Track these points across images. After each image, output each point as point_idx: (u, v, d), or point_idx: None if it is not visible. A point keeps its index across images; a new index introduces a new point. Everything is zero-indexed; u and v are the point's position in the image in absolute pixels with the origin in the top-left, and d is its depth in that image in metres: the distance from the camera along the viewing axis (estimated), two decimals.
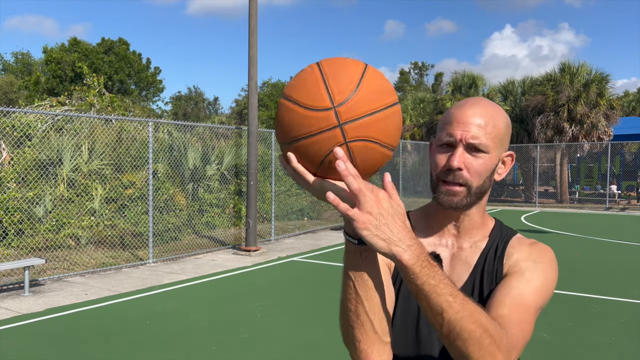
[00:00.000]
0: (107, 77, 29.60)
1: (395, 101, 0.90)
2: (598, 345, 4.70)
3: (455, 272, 1.13)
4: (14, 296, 6.50)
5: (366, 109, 0.85)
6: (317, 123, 0.84)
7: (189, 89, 65.90)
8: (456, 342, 0.88)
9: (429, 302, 0.87)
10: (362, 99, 0.85)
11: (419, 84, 57.65)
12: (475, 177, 1.07)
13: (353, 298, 0.92)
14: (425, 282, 0.86)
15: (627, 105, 36.77)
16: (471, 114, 1.08)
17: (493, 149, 1.07)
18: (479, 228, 1.15)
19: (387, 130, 0.88)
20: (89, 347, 4.67)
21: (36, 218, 8.79)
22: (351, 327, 0.94)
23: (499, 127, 1.08)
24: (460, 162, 1.06)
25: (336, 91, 0.85)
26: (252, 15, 9.60)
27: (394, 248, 0.84)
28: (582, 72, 20.65)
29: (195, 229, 11.06)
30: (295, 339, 4.90)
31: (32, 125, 9.59)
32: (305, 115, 0.85)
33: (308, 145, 0.86)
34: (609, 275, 7.68)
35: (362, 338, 0.94)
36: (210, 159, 11.94)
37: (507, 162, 1.14)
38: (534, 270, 1.07)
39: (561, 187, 21.57)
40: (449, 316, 0.87)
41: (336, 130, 0.84)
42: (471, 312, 0.88)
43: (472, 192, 1.08)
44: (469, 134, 1.06)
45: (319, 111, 0.85)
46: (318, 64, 0.89)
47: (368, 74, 0.88)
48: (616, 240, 11.25)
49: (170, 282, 7.31)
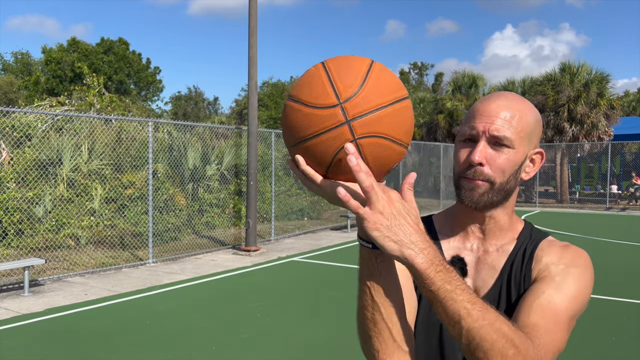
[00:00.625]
0: (106, 77, 29.59)
1: (405, 95, 0.86)
2: (598, 345, 4.70)
3: (481, 277, 1.06)
4: (13, 296, 6.50)
5: (374, 103, 0.82)
6: (324, 121, 0.81)
7: (188, 89, 65.95)
8: (477, 353, 0.82)
9: (446, 310, 0.82)
10: (370, 94, 0.82)
11: (418, 84, 57.66)
12: (498, 173, 1.00)
13: (370, 305, 0.88)
14: (441, 287, 0.80)
15: (627, 105, 36.79)
16: (495, 107, 1.02)
17: (519, 144, 1.01)
18: (506, 231, 1.08)
19: (398, 126, 0.84)
20: (89, 347, 4.67)
21: (36, 218, 8.79)
22: (369, 335, 0.90)
23: (526, 121, 1.02)
24: (481, 157, 1.00)
25: (342, 88, 0.82)
26: (252, 15, 9.60)
27: (405, 251, 0.79)
28: (583, 72, 20.65)
29: (195, 229, 11.05)
30: (295, 339, 4.89)
31: (32, 125, 9.59)
32: (311, 114, 0.82)
33: (316, 145, 0.82)
34: (609, 275, 7.67)
35: (380, 347, 0.89)
36: (210, 159, 11.93)
37: (536, 160, 1.06)
38: (566, 274, 1.00)
39: (561, 187, 21.57)
40: (468, 324, 0.81)
41: (344, 127, 0.80)
42: (492, 320, 0.82)
43: (495, 189, 1.01)
44: (492, 126, 1.00)
45: (325, 108, 0.81)
46: (323, 63, 0.86)
47: (375, 69, 0.85)
48: (616, 240, 11.24)
49: (170, 282, 7.31)
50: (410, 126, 0.86)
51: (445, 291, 0.80)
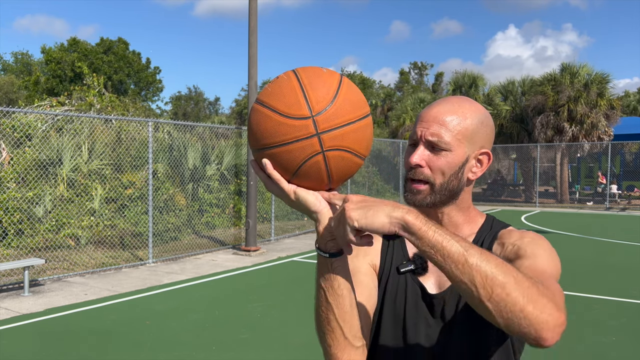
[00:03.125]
0: (106, 77, 29.59)
1: (368, 113, 0.92)
2: (598, 345, 4.70)
3: None
4: (13, 296, 6.50)
5: (343, 119, 0.87)
6: (295, 131, 0.86)
7: (188, 89, 65.94)
8: (495, 290, 0.79)
9: (449, 253, 0.81)
10: (340, 109, 0.87)
11: (418, 83, 57.64)
12: (438, 174, 1.06)
13: (324, 306, 0.96)
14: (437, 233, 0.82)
15: (627, 106, 36.79)
16: (434, 112, 1.07)
17: (457, 146, 1.05)
18: (462, 225, 1.13)
19: (362, 141, 0.90)
20: (89, 347, 4.67)
21: (36, 218, 8.79)
22: (322, 332, 0.99)
23: (466, 123, 1.06)
24: (420, 159, 1.06)
25: (314, 101, 0.86)
26: (252, 15, 9.60)
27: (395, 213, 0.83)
28: (583, 73, 20.65)
29: (195, 229, 11.05)
30: (295, 339, 4.89)
31: (32, 125, 9.59)
32: (283, 123, 0.86)
33: (284, 152, 0.87)
34: (609, 275, 7.67)
35: (332, 343, 0.98)
36: (210, 159, 11.93)
37: (483, 161, 1.10)
38: (534, 245, 1.04)
39: (561, 187, 21.57)
40: (474, 260, 0.80)
41: (314, 139, 0.86)
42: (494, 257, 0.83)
43: (436, 190, 1.06)
44: (428, 131, 1.06)
45: (297, 119, 0.86)
46: (295, 72, 0.90)
47: (344, 86, 0.90)
48: (616, 240, 11.24)
49: (170, 282, 7.31)
50: (370, 141, 0.93)
51: (440, 235, 0.82)
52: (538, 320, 0.80)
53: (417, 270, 1.11)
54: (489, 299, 0.80)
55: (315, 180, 0.90)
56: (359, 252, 1.17)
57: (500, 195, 24.05)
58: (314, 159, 0.87)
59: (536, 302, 0.80)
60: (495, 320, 0.82)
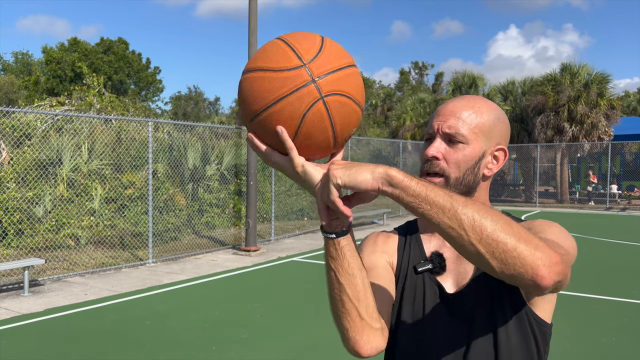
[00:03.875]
0: (106, 77, 29.59)
1: (353, 63, 0.91)
2: (598, 345, 4.69)
3: (463, 267, 1.10)
4: (13, 296, 6.50)
5: (335, 64, 0.87)
6: (290, 82, 0.84)
7: (188, 89, 65.92)
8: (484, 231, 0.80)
9: (439, 204, 0.81)
10: (329, 56, 0.87)
11: (419, 83, 57.63)
12: (453, 168, 1.05)
13: (336, 288, 0.94)
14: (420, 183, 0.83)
15: (627, 106, 36.79)
16: (451, 107, 1.09)
17: (473, 140, 1.06)
18: None
19: (357, 87, 0.90)
20: (89, 347, 4.66)
21: (36, 218, 8.79)
22: (338, 316, 0.96)
23: (482, 119, 1.07)
24: (436, 152, 1.06)
25: (303, 51, 0.86)
26: (252, 15, 9.60)
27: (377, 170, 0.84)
28: (583, 73, 20.65)
29: (195, 229, 11.05)
30: (295, 339, 4.89)
31: (32, 125, 9.59)
32: (276, 78, 0.85)
33: (284, 107, 0.85)
34: (609, 275, 7.67)
35: (349, 326, 0.95)
36: (210, 159, 11.93)
37: (499, 157, 1.10)
38: (545, 224, 1.03)
39: (561, 187, 21.56)
40: (459, 205, 0.81)
41: (311, 85, 0.84)
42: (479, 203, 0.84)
43: (451, 184, 1.06)
44: (445, 124, 1.07)
45: (291, 70, 0.85)
46: (279, 37, 0.91)
47: (327, 41, 0.91)
48: (616, 240, 11.24)
49: (170, 282, 7.31)
50: (363, 92, 0.92)
51: (426, 187, 0.82)
52: (533, 257, 0.79)
53: (435, 270, 1.11)
54: (480, 241, 0.80)
55: (320, 136, 0.87)
56: (376, 249, 1.18)
57: (500, 195, 24.04)
58: (314, 107, 0.85)
59: (528, 242, 0.80)
60: (489, 264, 0.81)
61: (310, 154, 0.90)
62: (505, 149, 1.11)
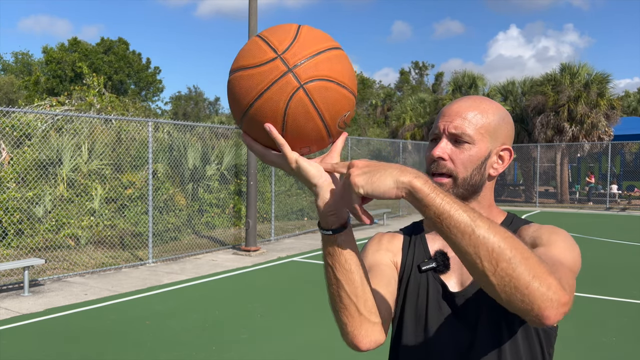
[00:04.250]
0: (106, 77, 29.59)
1: (337, 46, 0.88)
2: (598, 345, 4.69)
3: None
4: (13, 296, 6.50)
5: (311, 50, 0.84)
6: (267, 76, 0.82)
7: (188, 89, 65.93)
8: (500, 264, 0.78)
9: (456, 223, 0.79)
10: (305, 43, 0.84)
11: (419, 83, 57.62)
12: (460, 168, 1.05)
13: (334, 283, 0.95)
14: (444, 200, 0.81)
15: (627, 106, 36.78)
16: (456, 107, 1.09)
17: (479, 140, 1.06)
18: None
19: (340, 70, 0.85)
20: (89, 347, 4.66)
21: (36, 218, 8.79)
22: (337, 311, 0.97)
23: (487, 119, 1.07)
24: (442, 152, 1.06)
25: (277, 42, 0.84)
26: (252, 15, 9.60)
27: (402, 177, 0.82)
28: (583, 73, 20.65)
29: (195, 229, 11.05)
30: (295, 339, 4.89)
31: (32, 125, 9.59)
32: (253, 74, 0.83)
33: (265, 102, 0.83)
34: (609, 275, 7.67)
35: (347, 321, 0.96)
36: (210, 159, 11.93)
37: (504, 157, 1.10)
38: (553, 234, 1.02)
39: (561, 187, 21.56)
40: (481, 231, 0.79)
41: (288, 75, 0.82)
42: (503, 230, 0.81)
43: (459, 184, 1.06)
44: (451, 124, 1.06)
45: (265, 64, 0.83)
46: (258, 34, 0.89)
47: (304, 28, 0.88)
48: (616, 240, 11.24)
49: (170, 282, 7.31)
50: (351, 73, 0.87)
51: (450, 205, 0.80)
52: (543, 298, 0.78)
53: (439, 268, 1.11)
54: (494, 273, 0.79)
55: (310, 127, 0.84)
56: (381, 248, 1.19)
57: (500, 195, 24.04)
58: (295, 97, 0.82)
59: (542, 280, 0.78)
60: (497, 294, 0.81)
61: (304, 146, 0.88)
62: (510, 149, 1.11)
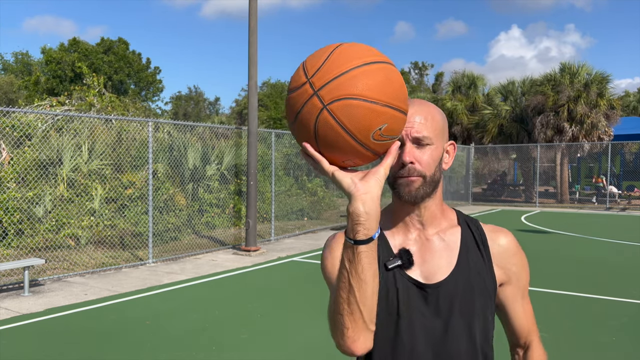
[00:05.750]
0: (106, 77, 29.58)
1: (374, 60, 0.92)
2: (598, 345, 4.69)
3: (435, 262, 1.17)
4: (13, 296, 6.50)
5: (337, 71, 0.90)
6: (299, 100, 0.92)
7: (189, 89, 65.93)
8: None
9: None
10: (333, 64, 0.91)
11: (418, 83, 57.62)
12: (427, 168, 1.13)
13: (346, 287, 0.99)
14: None
15: (627, 106, 36.76)
16: (411, 113, 1.14)
17: (436, 140, 1.15)
18: (440, 219, 1.21)
19: (369, 85, 0.89)
20: (89, 347, 4.67)
21: (36, 218, 8.79)
22: (340, 314, 1.00)
23: (437, 120, 1.16)
24: (411, 157, 1.12)
25: (309, 67, 0.93)
26: (252, 15, 9.60)
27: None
28: (583, 73, 20.64)
29: (195, 229, 11.05)
30: (295, 339, 4.89)
31: (32, 125, 9.59)
32: (292, 97, 0.94)
33: (299, 123, 0.93)
34: (609, 275, 7.67)
35: (350, 326, 1.00)
36: (210, 159, 11.93)
37: (450, 151, 1.21)
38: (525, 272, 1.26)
39: (561, 187, 21.56)
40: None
41: (313, 98, 0.90)
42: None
43: (427, 182, 1.14)
44: (412, 129, 1.13)
45: (298, 89, 0.93)
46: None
47: (342, 46, 0.94)
48: (616, 240, 11.24)
49: (170, 282, 7.31)
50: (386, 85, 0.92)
51: None
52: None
53: (405, 265, 1.16)
54: None
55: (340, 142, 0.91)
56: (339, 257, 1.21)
57: (500, 195, 24.04)
58: (321, 116, 0.90)
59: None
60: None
61: (345, 159, 0.95)
62: (454, 143, 1.23)
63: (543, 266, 8.33)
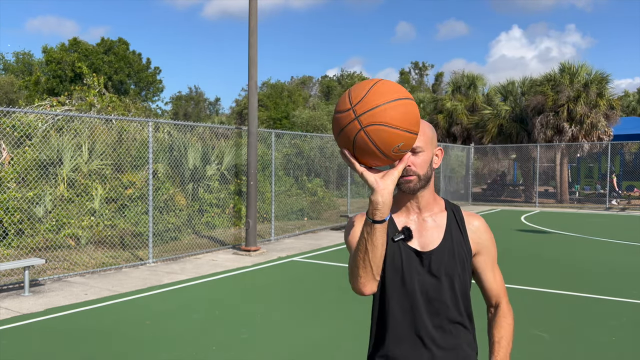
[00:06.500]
0: (107, 77, 29.58)
1: (399, 97, 1.30)
2: (598, 345, 4.70)
3: (428, 236, 1.61)
4: (14, 296, 6.50)
5: (373, 104, 1.28)
6: (344, 120, 1.31)
7: (189, 89, 65.89)
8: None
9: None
10: (371, 97, 1.29)
11: (418, 84, 57.61)
12: (420, 169, 1.55)
13: (363, 250, 1.42)
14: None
15: (626, 106, 36.75)
16: None
17: (426, 148, 1.56)
18: (432, 204, 1.65)
19: (394, 116, 1.28)
20: (89, 347, 4.67)
21: (36, 218, 8.79)
22: (357, 267, 1.45)
23: (427, 134, 1.57)
24: (409, 162, 1.54)
25: (353, 97, 1.31)
26: (252, 16, 9.60)
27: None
28: (582, 73, 20.64)
29: (195, 229, 11.05)
30: (295, 339, 4.90)
31: (32, 125, 9.59)
32: (337, 118, 1.34)
33: (343, 136, 1.33)
34: (609, 275, 7.68)
35: (363, 275, 1.45)
36: (210, 159, 11.94)
37: (438, 154, 1.64)
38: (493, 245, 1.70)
39: (561, 187, 21.56)
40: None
41: (355, 122, 1.29)
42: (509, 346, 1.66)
43: (422, 179, 1.57)
44: None
45: (344, 112, 1.32)
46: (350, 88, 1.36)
47: (379, 83, 1.32)
48: (616, 240, 11.25)
49: (170, 282, 7.31)
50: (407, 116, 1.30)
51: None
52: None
53: (406, 238, 1.60)
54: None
55: (370, 152, 1.30)
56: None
57: (500, 195, 24.05)
58: (359, 135, 1.29)
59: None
60: None
61: (372, 164, 1.35)
62: (441, 148, 1.66)
63: (543, 266, 8.33)
